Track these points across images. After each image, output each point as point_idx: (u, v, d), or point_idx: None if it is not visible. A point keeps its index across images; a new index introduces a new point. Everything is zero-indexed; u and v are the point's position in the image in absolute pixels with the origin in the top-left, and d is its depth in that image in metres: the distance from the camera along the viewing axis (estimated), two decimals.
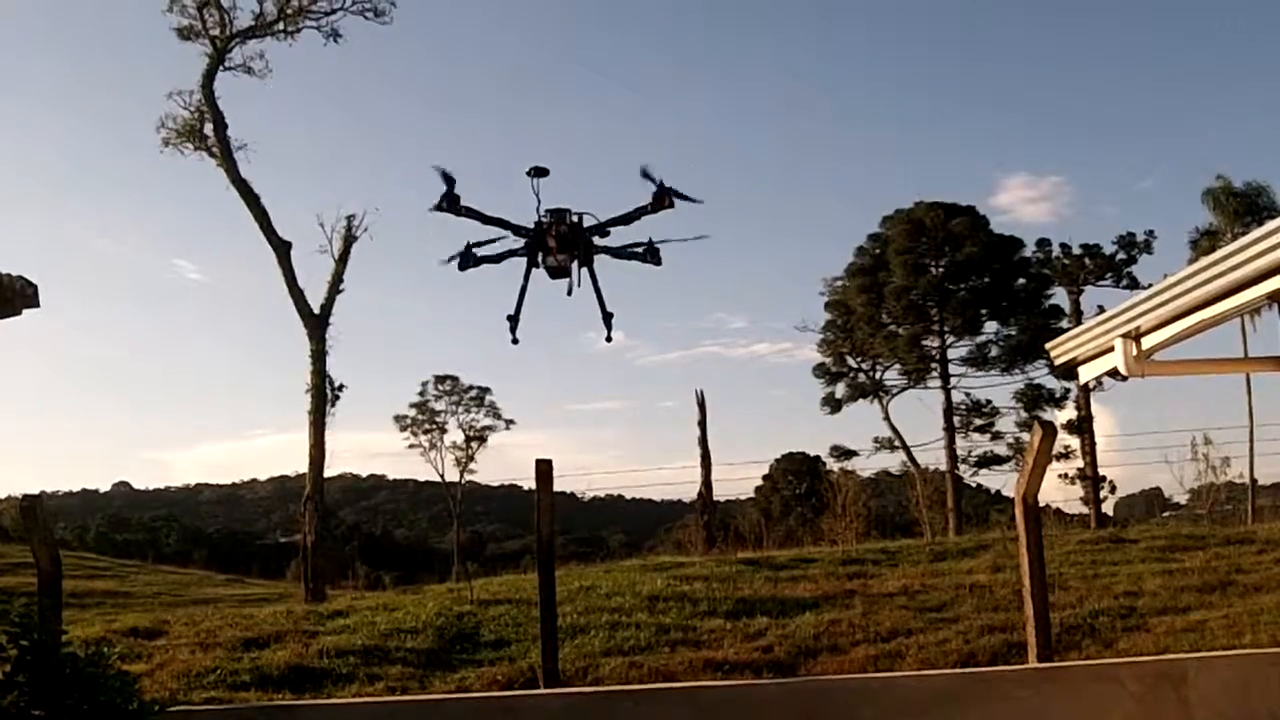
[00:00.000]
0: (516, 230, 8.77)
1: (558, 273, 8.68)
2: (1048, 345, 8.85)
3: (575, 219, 8.65)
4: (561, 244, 8.59)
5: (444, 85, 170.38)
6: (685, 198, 8.72)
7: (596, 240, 8.77)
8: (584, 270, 8.74)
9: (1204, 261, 6.48)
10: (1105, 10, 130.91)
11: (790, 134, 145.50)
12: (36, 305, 8.10)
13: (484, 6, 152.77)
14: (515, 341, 8.96)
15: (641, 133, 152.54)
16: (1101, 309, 36.37)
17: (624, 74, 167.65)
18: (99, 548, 58.04)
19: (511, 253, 8.85)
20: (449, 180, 8.51)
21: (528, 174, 8.75)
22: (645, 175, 8.54)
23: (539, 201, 8.69)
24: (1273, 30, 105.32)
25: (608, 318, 9.00)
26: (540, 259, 8.70)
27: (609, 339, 9.16)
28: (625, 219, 8.71)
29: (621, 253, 8.88)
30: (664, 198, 8.52)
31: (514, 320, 8.87)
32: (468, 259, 8.80)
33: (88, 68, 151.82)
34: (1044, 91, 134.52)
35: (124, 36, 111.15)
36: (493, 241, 8.82)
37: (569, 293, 8.73)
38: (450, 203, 8.50)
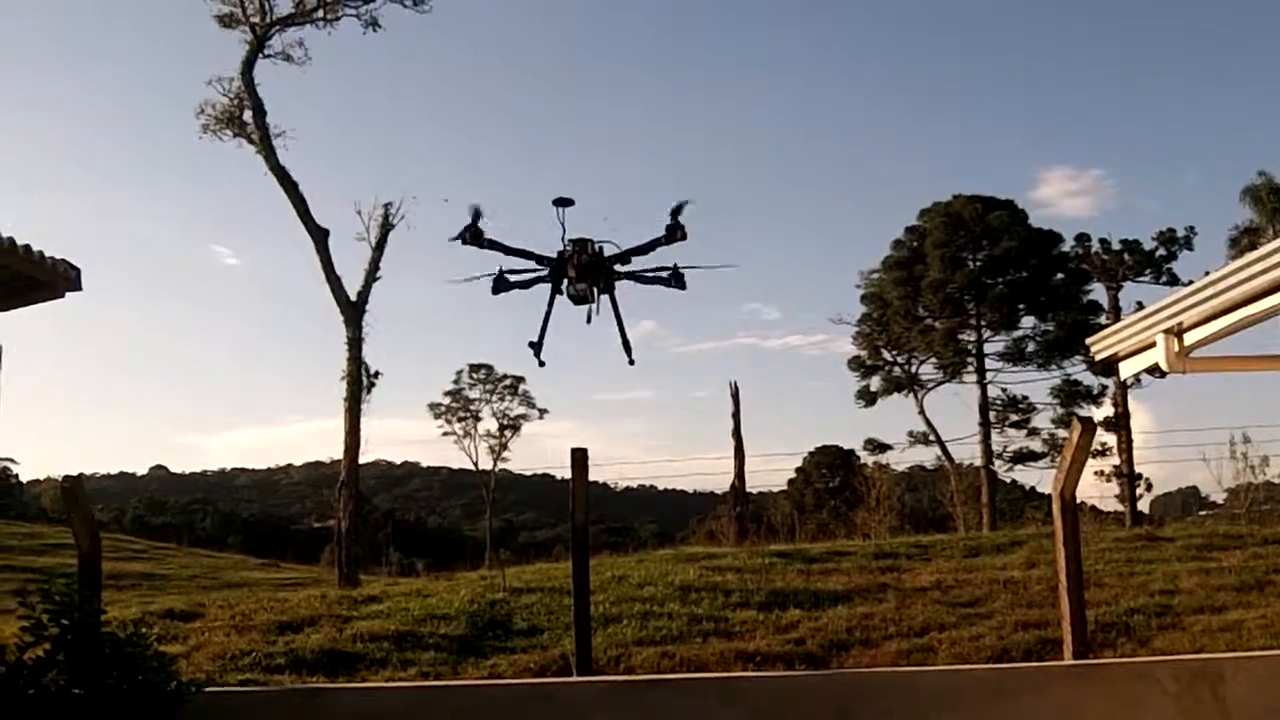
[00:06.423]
0: (540, 260, 9.14)
1: (580, 300, 9.01)
2: (1089, 340, 8.77)
3: (597, 248, 9.00)
4: (583, 272, 8.92)
5: (483, 75, 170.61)
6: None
7: (619, 268, 9.14)
8: (605, 297, 9.11)
9: (1248, 258, 6.39)
10: (1149, 3, 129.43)
11: (828, 126, 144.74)
12: (79, 288, 8.20)
13: None
14: (541, 365, 9.37)
15: (676, 123, 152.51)
16: (1140, 305, 36.08)
17: (658, 66, 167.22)
18: (135, 530, 58.61)
19: (539, 279, 9.20)
20: (475, 215, 8.94)
21: (553, 204, 9.10)
22: (674, 212, 8.94)
23: (564, 231, 9.06)
24: None
25: (627, 345, 9.40)
26: (564, 286, 9.02)
27: (631, 363, 9.63)
28: (642, 249, 9.09)
29: (646, 278, 9.26)
30: (677, 230, 8.88)
31: (538, 345, 9.25)
32: (500, 283, 9.19)
33: (128, 52, 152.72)
34: (1088, 84, 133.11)
35: (166, 22, 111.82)
36: (525, 271, 9.21)
37: (588, 320, 9.10)
38: (473, 236, 8.95)
